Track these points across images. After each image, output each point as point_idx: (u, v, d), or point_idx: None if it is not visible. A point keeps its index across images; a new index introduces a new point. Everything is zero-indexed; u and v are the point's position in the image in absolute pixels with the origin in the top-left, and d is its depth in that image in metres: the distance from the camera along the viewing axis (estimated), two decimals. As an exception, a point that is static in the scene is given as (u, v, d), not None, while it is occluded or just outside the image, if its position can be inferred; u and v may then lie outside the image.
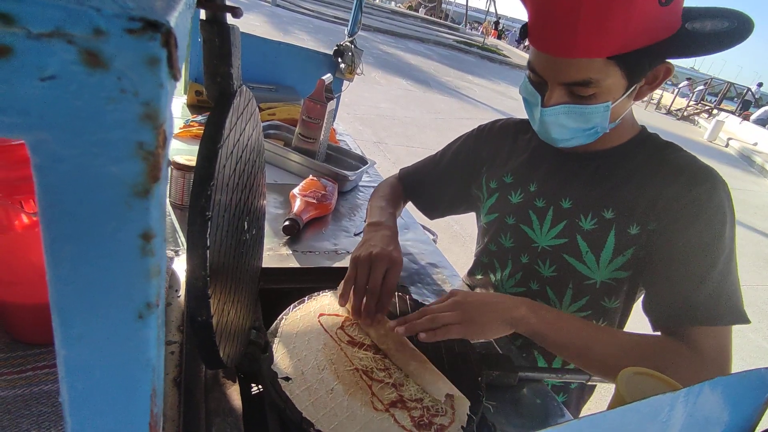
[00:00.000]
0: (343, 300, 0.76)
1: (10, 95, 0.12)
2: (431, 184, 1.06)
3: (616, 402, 0.51)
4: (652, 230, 0.75)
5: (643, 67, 0.70)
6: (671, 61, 0.72)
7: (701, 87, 15.35)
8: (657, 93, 15.87)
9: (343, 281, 0.77)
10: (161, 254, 0.16)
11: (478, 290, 0.98)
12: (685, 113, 14.27)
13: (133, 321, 0.16)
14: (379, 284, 0.74)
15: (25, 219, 0.52)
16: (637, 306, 0.83)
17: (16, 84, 0.12)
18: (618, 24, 0.64)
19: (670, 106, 14.62)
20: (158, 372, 0.18)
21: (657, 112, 14.61)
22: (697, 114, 14.38)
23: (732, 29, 0.67)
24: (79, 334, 0.15)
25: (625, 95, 0.72)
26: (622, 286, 0.81)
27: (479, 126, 1.03)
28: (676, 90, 15.33)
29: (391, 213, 0.94)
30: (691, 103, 14.68)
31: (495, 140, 0.98)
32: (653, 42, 0.67)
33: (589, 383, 0.86)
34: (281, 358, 0.65)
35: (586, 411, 1.08)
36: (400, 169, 1.14)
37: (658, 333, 0.74)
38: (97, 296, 0.15)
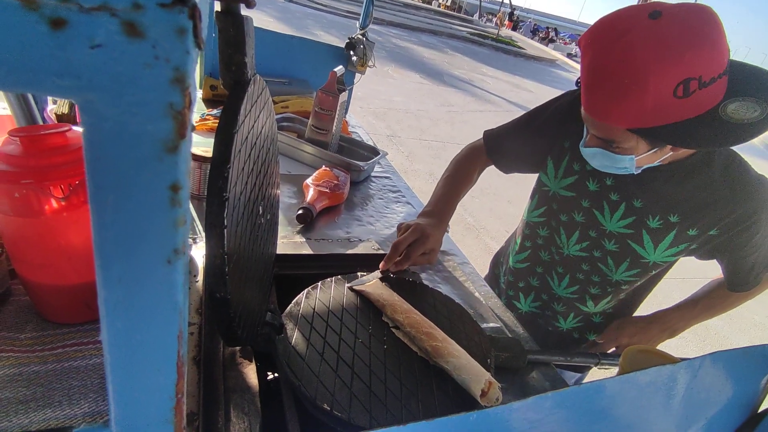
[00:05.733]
0: (384, 264, 0.92)
1: (66, 61, 0.14)
2: (513, 147, 1.13)
3: (620, 378, 0.52)
4: (712, 234, 0.89)
5: (664, 138, 0.75)
6: None
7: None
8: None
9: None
10: (186, 206, 0.18)
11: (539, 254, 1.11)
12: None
13: (163, 265, 0.18)
14: (405, 245, 0.92)
15: (54, 204, 0.55)
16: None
17: (70, 51, 0.14)
18: (633, 105, 0.71)
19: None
20: (184, 316, 0.20)
21: None
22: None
23: (761, 119, 0.70)
24: (119, 276, 0.17)
25: (649, 153, 0.80)
26: (670, 265, 0.99)
27: (570, 97, 1.04)
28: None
29: (450, 198, 1.10)
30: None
31: (580, 118, 1.00)
32: (672, 122, 0.72)
33: (600, 368, 0.87)
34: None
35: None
36: (484, 131, 1.19)
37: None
38: (132, 241, 0.17)
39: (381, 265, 0.91)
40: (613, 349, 1.06)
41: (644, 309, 1.07)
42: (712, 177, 0.86)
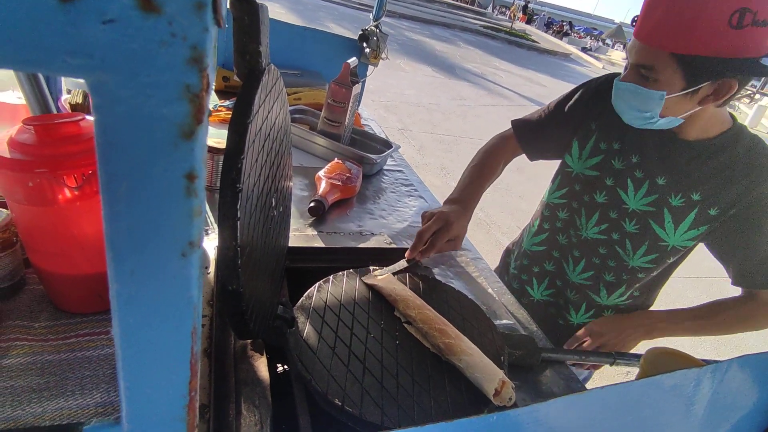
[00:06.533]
0: (409, 253, 0.94)
1: (77, 37, 0.13)
2: (542, 131, 1.13)
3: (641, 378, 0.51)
4: (732, 214, 0.88)
5: (702, 74, 0.77)
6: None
7: (742, 71, 14.59)
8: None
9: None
10: (202, 196, 0.17)
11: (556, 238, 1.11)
12: (724, 99, 13.61)
13: (178, 259, 0.17)
14: (429, 233, 0.94)
15: (67, 193, 0.54)
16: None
17: (81, 26, 0.13)
18: (684, 26, 0.74)
19: (708, 91, 13.97)
20: (198, 311, 0.19)
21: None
22: (738, 99, 13.72)
23: None
24: (131, 269, 0.17)
25: (681, 93, 0.80)
26: (688, 252, 0.97)
27: (597, 82, 1.06)
28: (715, 75, 14.62)
29: (476, 186, 1.11)
30: (731, 88, 13.99)
31: (608, 99, 1.00)
32: (717, 55, 0.74)
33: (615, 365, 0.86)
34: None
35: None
36: (512, 120, 1.20)
37: (737, 295, 0.97)
38: (145, 233, 0.16)
39: (407, 254, 0.93)
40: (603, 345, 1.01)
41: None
42: (736, 157, 0.87)
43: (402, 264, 0.90)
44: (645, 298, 1.07)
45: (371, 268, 0.87)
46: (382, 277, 0.82)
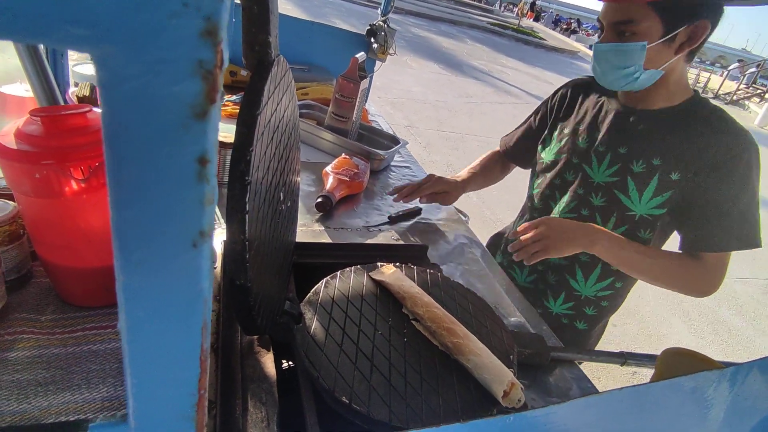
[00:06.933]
0: (398, 195, 1.11)
1: (80, 5, 0.12)
2: (523, 143, 1.24)
3: (656, 380, 0.50)
4: (691, 177, 0.91)
5: (679, 17, 0.83)
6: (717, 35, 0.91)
7: (753, 69, 14.42)
8: (704, 76, 15.02)
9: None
10: (214, 183, 0.16)
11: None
12: (735, 97, 13.47)
13: (188, 249, 0.16)
14: (422, 183, 1.09)
15: (74, 185, 0.54)
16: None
17: (86, -9, 0.12)
18: None
19: (718, 89, 13.83)
20: (208, 305, 0.18)
21: (704, 96, 13.86)
22: (748, 98, 13.54)
23: None
24: (139, 260, 0.16)
25: (661, 41, 0.85)
26: (656, 222, 0.97)
27: (566, 86, 1.17)
28: (726, 72, 14.48)
29: (470, 176, 1.24)
30: (742, 86, 13.84)
31: (571, 95, 1.14)
32: None
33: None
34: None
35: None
36: (500, 140, 1.33)
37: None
38: (154, 221, 0.15)
39: (394, 198, 1.10)
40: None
41: (650, 314, 1.04)
42: (696, 123, 0.92)
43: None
44: (624, 286, 1.08)
45: (379, 264, 0.86)
46: (389, 273, 0.81)
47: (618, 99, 1.02)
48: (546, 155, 1.13)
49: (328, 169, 1.15)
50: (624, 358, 0.80)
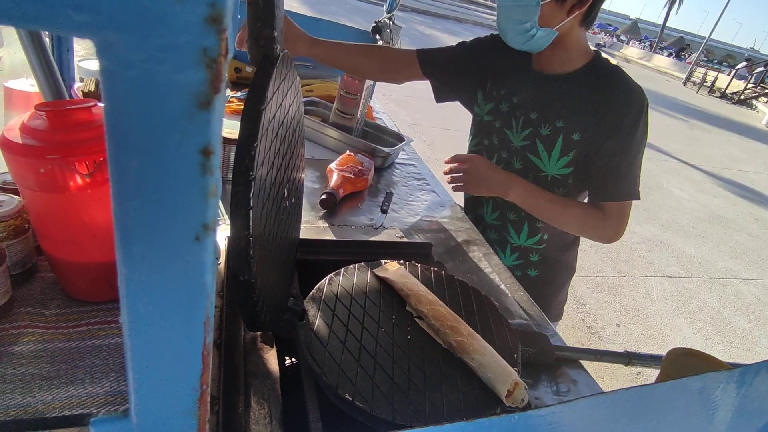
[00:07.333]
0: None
1: None
2: (447, 67, 1.23)
3: (663, 380, 0.49)
4: (589, 136, 0.99)
5: None
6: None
7: (761, 68, 14.30)
8: (711, 75, 14.89)
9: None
10: (218, 175, 0.15)
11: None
12: (742, 97, 13.36)
13: (191, 242, 0.16)
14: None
15: (78, 180, 0.54)
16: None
17: (87, -23, 0.12)
18: None
19: (725, 89, 13.72)
20: (211, 300, 0.18)
21: (711, 96, 13.75)
22: (755, 97, 13.43)
23: None
24: (141, 252, 0.15)
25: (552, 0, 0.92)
26: (567, 180, 1.05)
27: (489, 36, 1.19)
28: (733, 72, 14.36)
29: (344, 43, 1.24)
30: (749, 85, 13.72)
31: (499, 53, 1.15)
32: None
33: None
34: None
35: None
36: (417, 50, 1.27)
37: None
38: (157, 214, 0.15)
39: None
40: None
41: (654, 315, 1.03)
42: (594, 84, 0.98)
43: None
44: (559, 241, 1.14)
45: (382, 261, 0.85)
46: (393, 270, 0.81)
47: (532, 65, 1.08)
48: (480, 112, 1.18)
49: (333, 166, 1.15)
50: (629, 357, 0.79)
